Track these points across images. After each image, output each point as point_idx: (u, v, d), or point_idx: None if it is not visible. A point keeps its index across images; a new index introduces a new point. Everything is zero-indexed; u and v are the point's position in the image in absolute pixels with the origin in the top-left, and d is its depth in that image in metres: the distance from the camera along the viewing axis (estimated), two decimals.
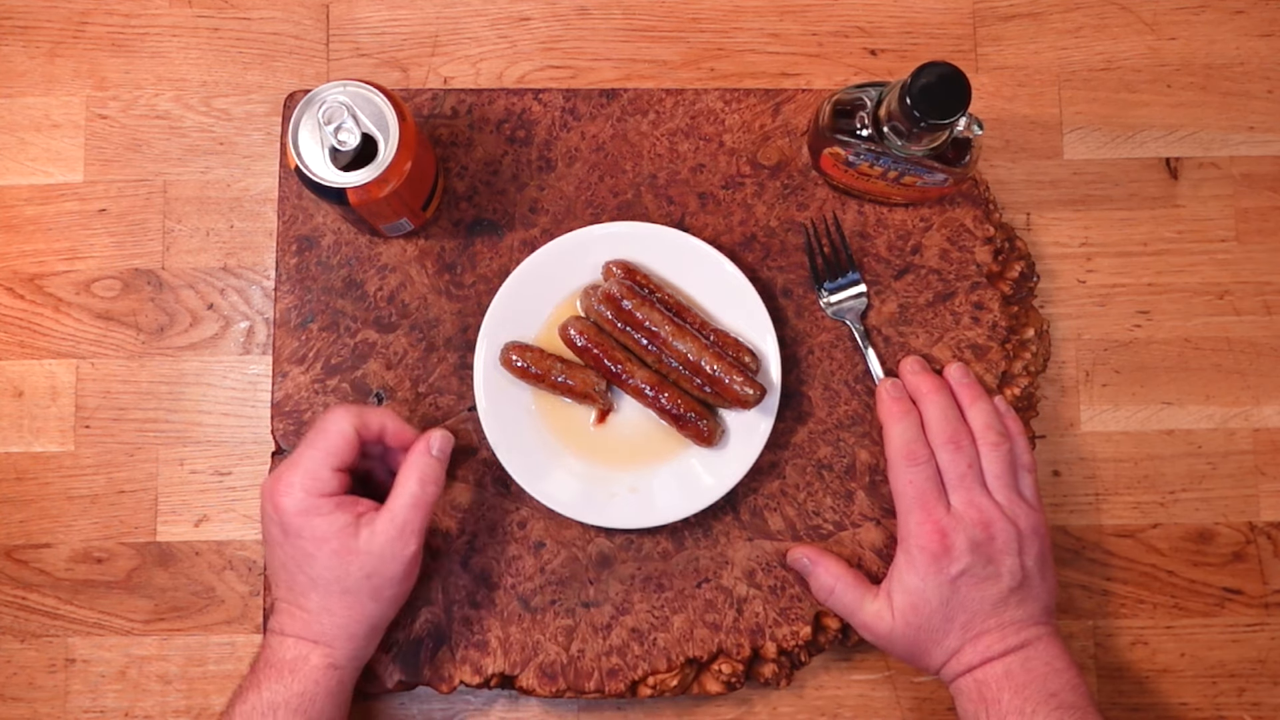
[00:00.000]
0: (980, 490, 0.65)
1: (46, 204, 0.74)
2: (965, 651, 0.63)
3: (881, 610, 0.64)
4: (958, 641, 0.63)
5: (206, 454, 0.73)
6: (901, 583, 0.64)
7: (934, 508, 0.64)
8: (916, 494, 0.64)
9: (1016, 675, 0.61)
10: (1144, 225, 0.75)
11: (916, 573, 0.63)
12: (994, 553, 0.63)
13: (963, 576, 0.62)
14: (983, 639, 0.62)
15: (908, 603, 0.63)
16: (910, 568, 0.63)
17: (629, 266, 0.68)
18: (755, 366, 0.67)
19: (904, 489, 0.65)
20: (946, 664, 0.64)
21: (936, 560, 0.62)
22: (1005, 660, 0.62)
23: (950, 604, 0.63)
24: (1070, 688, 0.61)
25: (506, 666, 0.68)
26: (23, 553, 0.72)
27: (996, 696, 0.61)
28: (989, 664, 0.62)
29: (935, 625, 0.63)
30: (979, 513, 0.63)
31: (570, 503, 0.67)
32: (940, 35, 0.76)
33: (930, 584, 0.63)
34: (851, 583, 0.66)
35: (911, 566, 0.63)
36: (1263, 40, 0.76)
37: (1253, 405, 0.73)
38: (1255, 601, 0.72)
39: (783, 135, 0.72)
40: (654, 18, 0.76)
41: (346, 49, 0.75)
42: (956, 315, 0.71)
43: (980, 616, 0.63)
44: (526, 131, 0.72)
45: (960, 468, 0.64)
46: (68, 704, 0.71)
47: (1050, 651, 0.62)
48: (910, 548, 0.63)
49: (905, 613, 0.63)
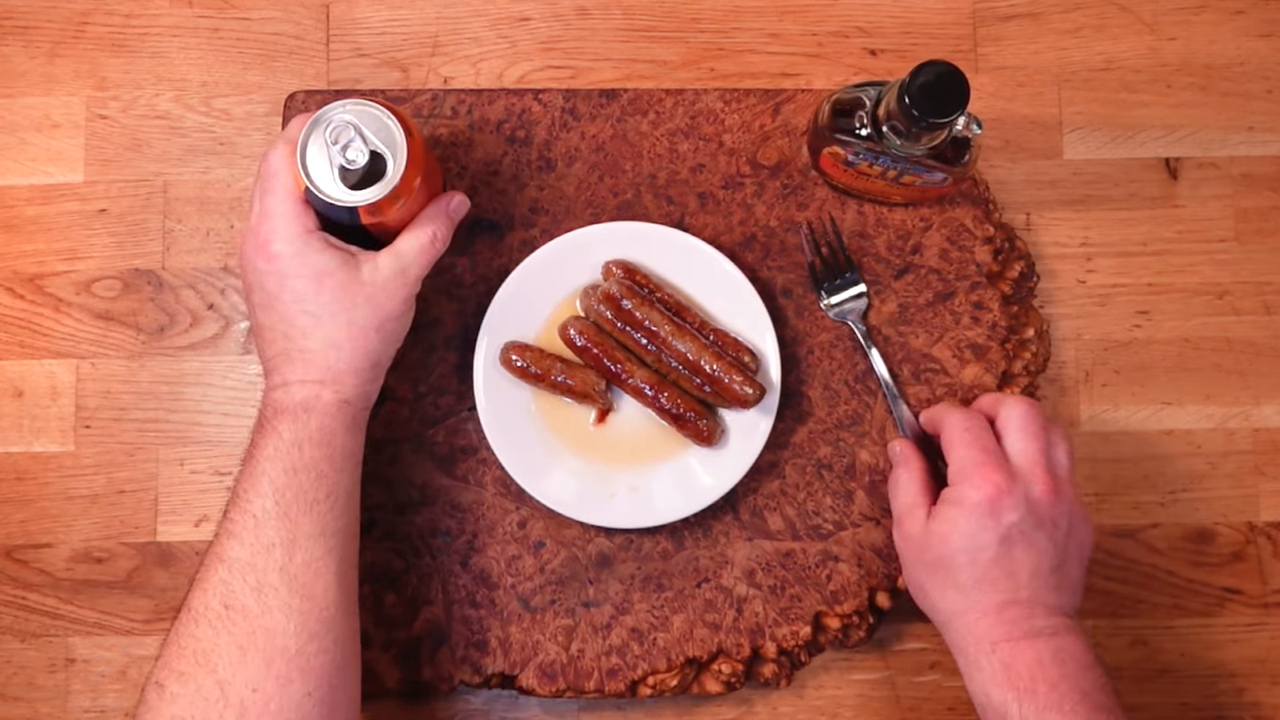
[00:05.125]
0: (1046, 464, 0.62)
1: (46, 204, 0.74)
2: (990, 615, 0.59)
3: (920, 518, 0.62)
4: (983, 597, 0.59)
5: (206, 454, 0.73)
6: (948, 515, 0.60)
7: (995, 460, 0.60)
8: (976, 444, 0.61)
9: (1049, 668, 0.57)
10: (1144, 225, 0.75)
11: (965, 514, 0.60)
12: (1044, 519, 0.60)
13: (1011, 530, 0.59)
14: (1010, 609, 0.59)
15: (941, 530, 0.60)
16: (960, 511, 0.60)
17: (629, 266, 0.68)
18: (755, 366, 0.67)
19: (960, 440, 0.62)
20: (961, 615, 0.60)
21: (992, 505, 0.59)
22: (1035, 646, 0.58)
23: (989, 551, 0.59)
24: (1101, 688, 0.58)
25: (506, 666, 0.68)
26: (23, 553, 0.72)
27: (1030, 687, 0.57)
28: (1016, 644, 0.58)
29: (963, 563, 0.60)
30: (1043, 473, 0.61)
31: (570, 503, 0.67)
32: (940, 35, 0.76)
33: (975, 525, 0.59)
34: (920, 483, 0.64)
35: (962, 510, 0.60)
36: (1263, 40, 0.76)
37: (1253, 405, 0.74)
38: (1255, 601, 0.72)
39: (782, 135, 0.72)
40: (654, 18, 0.76)
41: (346, 49, 0.75)
42: (956, 315, 0.71)
43: (1015, 580, 0.59)
44: (526, 131, 0.72)
45: (1031, 447, 0.62)
46: (68, 704, 0.71)
47: (1079, 646, 0.59)
48: (963, 495, 0.60)
49: (935, 537, 0.60)
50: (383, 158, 0.61)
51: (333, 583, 0.58)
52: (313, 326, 0.60)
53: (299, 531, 0.57)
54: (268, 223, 0.60)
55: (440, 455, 0.70)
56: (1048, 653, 0.58)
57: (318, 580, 0.58)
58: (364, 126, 0.61)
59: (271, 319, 0.61)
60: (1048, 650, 0.58)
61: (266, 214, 0.60)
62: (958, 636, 0.60)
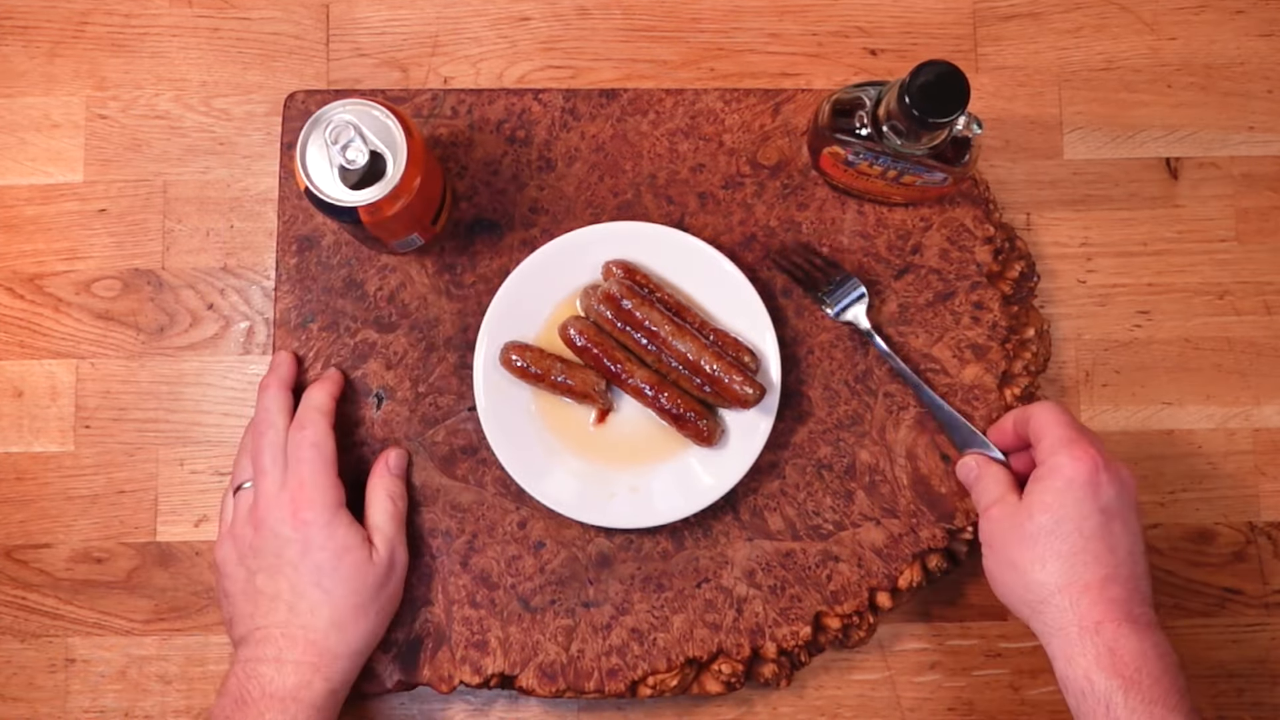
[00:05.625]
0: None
1: (46, 204, 0.74)
2: (1093, 590, 0.57)
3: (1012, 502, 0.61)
4: (1086, 570, 0.58)
5: (206, 454, 0.73)
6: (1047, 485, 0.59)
7: (1089, 436, 0.60)
8: (1068, 423, 0.61)
9: (1152, 661, 0.56)
10: (1144, 225, 0.75)
11: (1066, 482, 0.58)
12: (1132, 503, 0.60)
13: (1109, 505, 0.58)
14: (1112, 587, 0.57)
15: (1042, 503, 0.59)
16: (1061, 480, 0.59)
17: (629, 266, 0.68)
18: (755, 366, 0.67)
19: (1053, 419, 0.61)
20: (1064, 590, 0.58)
21: (1091, 475, 0.58)
22: (1139, 634, 0.56)
23: (1092, 520, 0.58)
24: (1188, 691, 0.57)
25: (506, 666, 0.68)
26: (23, 553, 0.72)
27: (1135, 678, 0.55)
28: (1120, 626, 0.56)
29: (1067, 530, 0.58)
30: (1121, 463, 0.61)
31: (570, 503, 0.67)
32: (940, 35, 0.76)
33: (1077, 493, 0.58)
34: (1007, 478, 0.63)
35: (1062, 478, 0.59)
36: (1263, 40, 0.76)
37: (1253, 405, 0.73)
38: (1255, 601, 0.72)
39: (783, 135, 0.72)
40: (654, 18, 0.76)
41: (346, 49, 0.75)
42: (956, 315, 0.71)
43: (1115, 556, 0.58)
44: (526, 131, 0.72)
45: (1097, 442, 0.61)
46: (68, 704, 0.71)
47: (1169, 643, 0.58)
48: (1060, 465, 0.59)
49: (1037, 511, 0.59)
50: (383, 158, 0.61)
51: None
52: (323, 603, 0.62)
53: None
54: (304, 492, 0.62)
55: (440, 455, 0.70)
56: (1149, 644, 0.56)
57: None
58: (364, 126, 0.61)
59: (279, 587, 0.62)
60: (1149, 642, 0.56)
61: (303, 483, 0.63)
62: (1056, 614, 0.58)
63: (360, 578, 0.63)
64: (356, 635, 0.63)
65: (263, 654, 0.61)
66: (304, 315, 0.71)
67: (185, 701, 0.71)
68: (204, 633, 0.71)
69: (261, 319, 0.73)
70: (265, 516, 0.63)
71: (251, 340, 0.73)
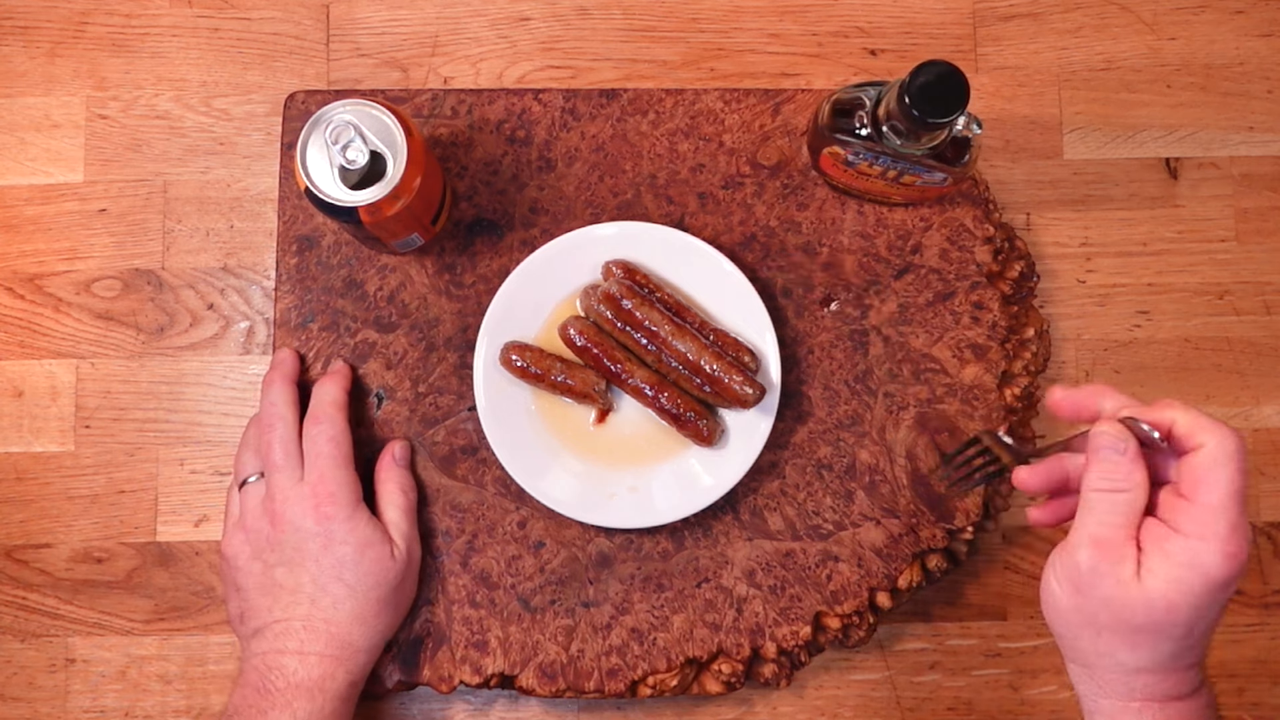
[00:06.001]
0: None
1: (46, 204, 0.74)
2: (1173, 677, 0.51)
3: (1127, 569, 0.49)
4: (1175, 660, 0.50)
5: (206, 454, 0.73)
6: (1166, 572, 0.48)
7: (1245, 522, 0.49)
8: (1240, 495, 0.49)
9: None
10: (1144, 225, 0.75)
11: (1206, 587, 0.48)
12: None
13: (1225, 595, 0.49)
14: (1189, 669, 0.51)
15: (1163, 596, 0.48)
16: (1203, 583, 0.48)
17: (629, 266, 0.68)
18: (755, 366, 0.67)
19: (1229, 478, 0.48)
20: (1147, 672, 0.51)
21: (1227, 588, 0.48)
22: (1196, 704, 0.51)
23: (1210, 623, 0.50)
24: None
25: (506, 666, 0.68)
26: (23, 553, 0.72)
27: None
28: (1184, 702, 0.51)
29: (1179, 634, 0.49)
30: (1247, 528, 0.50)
31: (570, 502, 0.67)
32: (940, 35, 0.76)
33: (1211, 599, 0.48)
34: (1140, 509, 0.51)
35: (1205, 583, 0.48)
36: (1263, 40, 0.76)
37: (1253, 405, 0.73)
38: (1255, 601, 0.72)
39: (782, 135, 0.72)
40: (654, 18, 0.76)
41: (346, 49, 0.75)
42: (956, 315, 0.71)
43: (1206, 639, 0.51)
44: (526, 131, 0.72)
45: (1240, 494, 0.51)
46: (68, 704, 0.71)
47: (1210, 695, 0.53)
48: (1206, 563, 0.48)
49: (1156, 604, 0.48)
50: (383, 158, 0.61)
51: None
52: (346, 597, 0.62)
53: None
54: (325, 486, 0.63)
55: (440, 455, 0.70)
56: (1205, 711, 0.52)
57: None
58: (364, 126, 0.61)
59: (301, 580, 0.62)
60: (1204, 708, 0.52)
61: (324, 477, 0.63)
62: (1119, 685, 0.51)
63: (382, 572, 0.63)
64: (377, 629, 0.63)
65: (284, 646, 0.61)
66: (304, 315, 0.71)
67: (185, 701, 0.71)
68: (204, 633, 0.71)
69: (261, 319, 0.73)
70: (283, 510, 0.63)
71: (252, 340, 0.73)
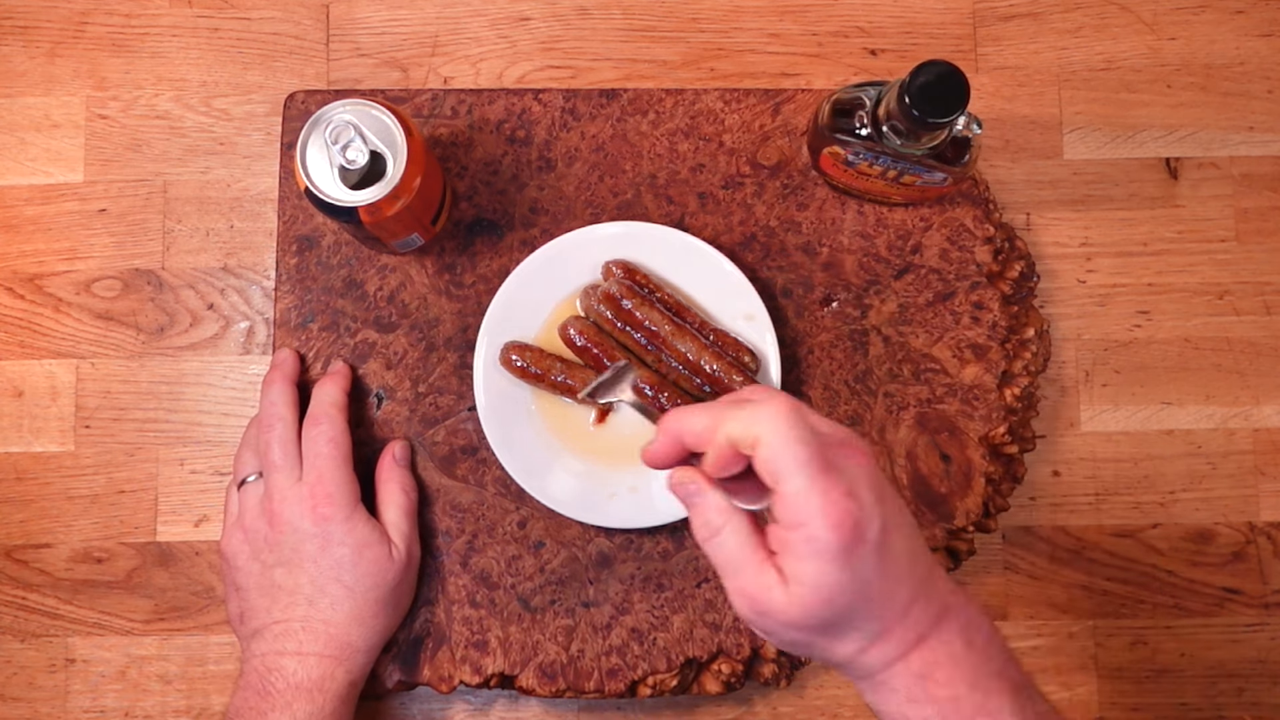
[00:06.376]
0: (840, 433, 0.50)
1: (46, 204, 0.74)
2: (895, 632, 0.48)
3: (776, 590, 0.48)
4: (880, 622, 0.48)
5: (206, 454, 0.73)
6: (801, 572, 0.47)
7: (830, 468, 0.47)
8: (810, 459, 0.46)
9: (965, 661, 0.48)
10: (1144, 225, 0.75)
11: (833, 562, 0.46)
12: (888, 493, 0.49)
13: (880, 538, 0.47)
14: (912, 610, 0.48)
15: (817, 596, 0.47)
16: (814, 556, 0.46)
17: (629, 266, 0.68)
18: (755, 366, 0.67)
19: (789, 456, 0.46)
20: (865, 652, 0.49)
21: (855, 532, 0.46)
22: (944, 636, 0.49)
23: (874, 577, 0.47)
24: (1008, 657, 0.50)
25: (506, 666, 0.68)
26: (23, 553, 0.72)
27: (952, 695, 0.48)
28: (925, 643, 0.48)
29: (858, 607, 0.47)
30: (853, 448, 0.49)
31: (570, 503, 0.67)
32: (940, 35, 0.76)
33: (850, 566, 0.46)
34: (749, 531, 0.49)
35: (827, 559, 0.46)
36: (1263, 40, 0.76)
37: (1253, 405, 0.73)
38: (1255, 601, 0.72)
39: (783, 135, 0.72)
40: (654, 18, 0.76)
41: (346, 49, 0.75)
42: (956, 315, 0.71)
43: (905, 582, 0.48)
44: (526, 131, 0.72)
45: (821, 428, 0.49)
46: (68, 704, 0.71)
47: (974, 610, 0.50)
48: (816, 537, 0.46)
49: (813, 605, 0.47)
50: (383, 158, 0.61)
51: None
52: (344, 598, 0.62)
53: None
54: (323, 487, 0.63)
55: (440, 455, 0.70)
56: (957, 639, 0.49)
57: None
58: (364, 126, 0.61)
59: (299, 581, 0.62)
60: (955, 634, 0.49)
61: (322, 478, 0.63)
62: (865, 665, 0.50)
63: (380, 573, 0.63)
64: (376, 630, 0.63)
65: (283, 647, 0.61)
66: (304, 315, 0.71)
67: (185, 701, 0.71)
68: (204, 633, 0.71)
69: (261, 319, 0.73)
70: (281, 511, 0.63)
71: (251, 340, 0.73)
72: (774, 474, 0.47)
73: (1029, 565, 0.73)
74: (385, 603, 0.64)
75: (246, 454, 0.66)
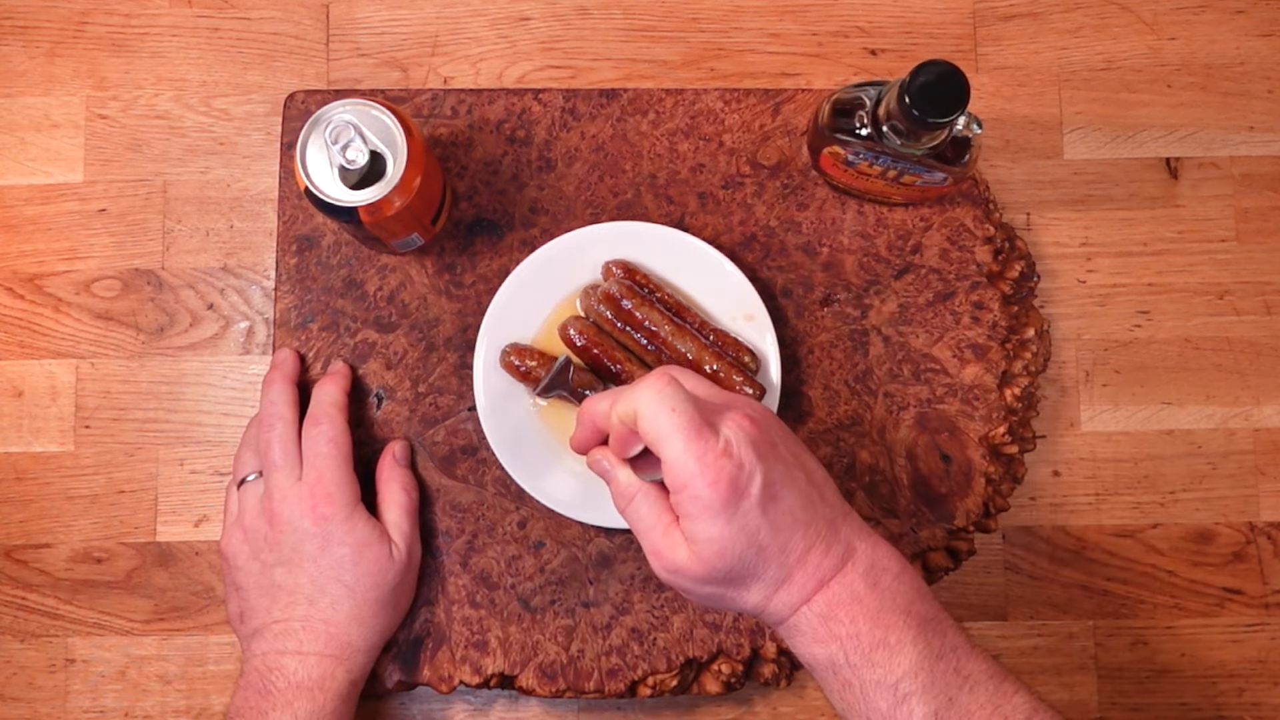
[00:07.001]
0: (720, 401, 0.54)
1: (46, 204, 0.74)
2: (796, 578, 0.51)
3: (680, 549, 0.52)
4: (780, 570, 0.51)
5: (206, 454, 0.73)
6: (695, 531, 0.51)
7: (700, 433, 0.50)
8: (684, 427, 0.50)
9: (867, 599, 0.51)
10: (1144, 225, 0.75)
11: (720, 518, 0.50)
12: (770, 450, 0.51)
13: (764, 493, 0.50)
14: (810, 556, 0.51)
15: (711, 550, 0.50)
16: (701, 514, 0.50)
17: (629, 266, 0.68)
18: (755, 366, 0.67)
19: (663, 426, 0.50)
20: (771, 599, 0.52)
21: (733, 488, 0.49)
22: (846, 579, 0.51)
23: (764, 528, 0.50)
24: (919, 594, 0.52)
25: (506, 666, 0.68)
26: (23, 553, 0.72)
27: (853, 632, 0.50)
28: (828, 587, 0.51)
29: (751, 559, 0.51)
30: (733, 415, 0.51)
31: (570, 503, 0.67)
32: (940, 35, 0.76)
33: (738, 522, 0.50)
34: (656, 497, 0.53)
35: (713, 516, 0.50)
36: (1263, 40, 0.76)
37: (1253, 405, 0.73)
38: (1255, 601, 0.72)
39: (783, 135, 0.72)
40: (654, 18, 0.76)
41: (346, 49, 0.75)
42: (956, 315, 0.71)
43: (800, 526, 0.51)
44: (526, 131, 0.72)
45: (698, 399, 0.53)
46: (68, 704, 0.71)
47: (880, 551, 0.53)
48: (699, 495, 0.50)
49: (711, 559, 0.51)
50: (383, 158, 0.61)
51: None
52: (344, 597, 0.62)
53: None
54: (323, 487, 0.63)
55: (440, 455, 0.70)
56: (860, 580, 0.51)
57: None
58: (364, 126, 0.61)
59: (299, 581, 0.62)
60: (858, 576, 0.51)
61: (321, 478, 0.63)
62: (777, 616, 0.53)
63: (380, 573, 0.63)
64: (376, 629, 0.63)
65: (283, 646, 0.61)
66: (304, 315, 0.71)
67: (185, 701, 0.71)
68: (204, 633, 0.71)
69: (261, 319, 0.73)
70: (281, 510, 0.63)
71: (251, 340, 0.73)
72: (654, 442, 0.51)
73: (1029, 565, 0.73)
74: (385, 602, 0.64)
75: (246, 454, 0.66)
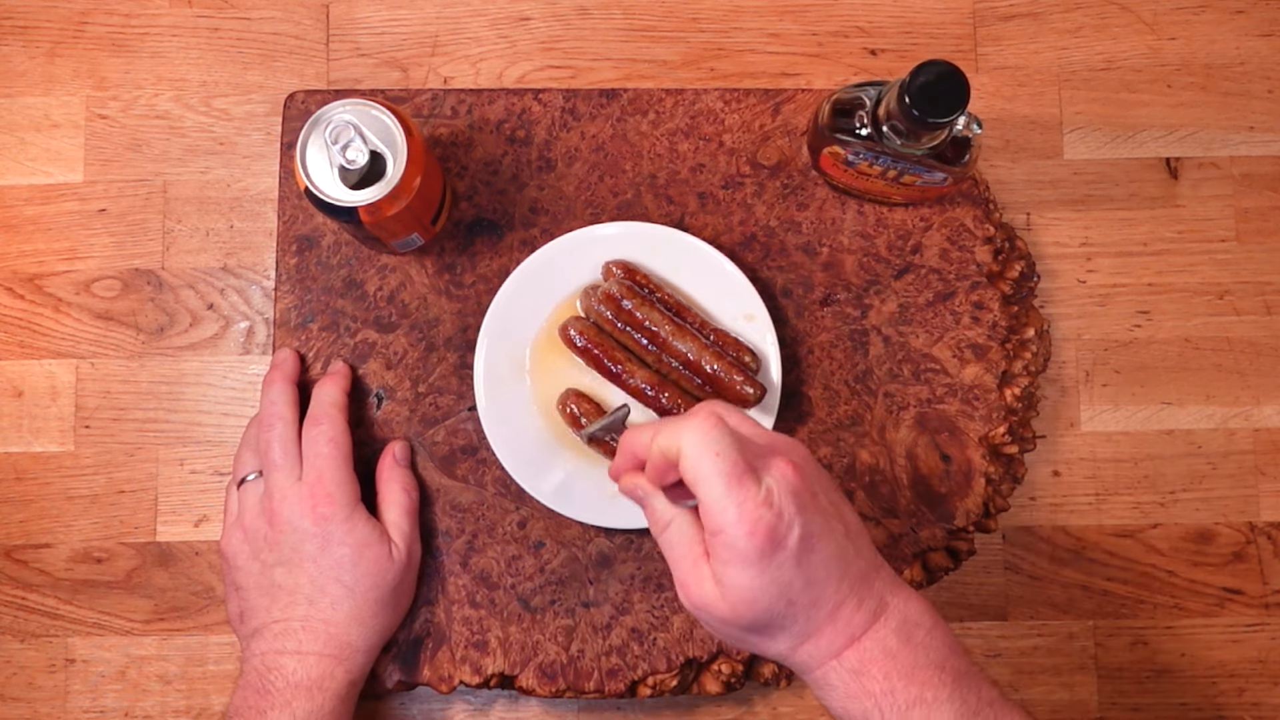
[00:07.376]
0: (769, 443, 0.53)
1: (46, 204, 0.74)
2: (825, 633, 0.51)
3: (708, 584, 0.51)
4: (808, 624, 0.51)
5: (206, 454, 0.73)
6: (726, 576, 0.50)
7: (744, 479, 0.49)
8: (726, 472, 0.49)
9: (900, 655, 0.50)
10: (1144, 225, 0.75)
11: (753, 568, 0.49)
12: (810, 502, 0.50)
13: (800, 544, 0.49)
14: (841, 611, 0.51)
15: (740, 597, 0.50)
16: (746, 566, 0.49)
17: (629, 266, 0.68)
18: (755, 366, 0.67)
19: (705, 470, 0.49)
20: (797, 650, 0.52)
21: (771, 538, 0.49)
22: (879, 635, 0.51)
23: (797, 582, 0.50)
24: (951, 649, 0.52)
25: (506, 666, 0.68)
26: (23, 553, 0.72)
27: (888, 689, 0.50)
28: (860, 643, 0.51)
29: (779, 610, 0.50)
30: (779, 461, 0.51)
31: (570, 503, 0.67)
32: (940, 35, 0.76)
33: (770, 571, 0.49)
34: (691, 527, 0.52)
35: (748, 564, 0.49)
36: (1263, 40, 0.76)
37: (1253, 405, 0.73)
38: (1255, 601, 0.72)
39: (783, 135, 0.72)
40: (654, 18, 0.76)
41: (346, 49, 0.75)
42: (956, 315, 0.71)
43: (832, 581, 0.50)
44: (526, 131, 0.72)
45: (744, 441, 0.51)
46: (68, 704, 0.71)
47: (915, 606, 0.52)
48: (735, 542, 0.49)
49: (739, 606, 0.50)
50: (383, 158, 0.61)
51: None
52: (344, 597, 0.62)
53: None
54: (323, 487, 0.63)
55: (440, 455, 0.70)
56: (893, 635, 0.51)
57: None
58: (364, 126, 0.61)
59: (299, 580, 0.62)
60: (891, 631, 0.51)
61: (321, 478, 0.63)
62: (799, 663, 0.52)
63: (380, 573, 0.63)
64: (375, 629, 0.63)
65: (283, 646, 0.61)
66: (304, 315, 0.71)
67: (185, 701, 0.71)
68: (204, 633, 0.71)
69: (261, 319, 0.73)
70: (281, 510, 0.63)
71: (251, 340, 0.73)
72: (693, 483, 0.50)
73: (1029, 565, 0.73)
74: (385, 602, 0.64)
75: (246, 453, 0.66)
